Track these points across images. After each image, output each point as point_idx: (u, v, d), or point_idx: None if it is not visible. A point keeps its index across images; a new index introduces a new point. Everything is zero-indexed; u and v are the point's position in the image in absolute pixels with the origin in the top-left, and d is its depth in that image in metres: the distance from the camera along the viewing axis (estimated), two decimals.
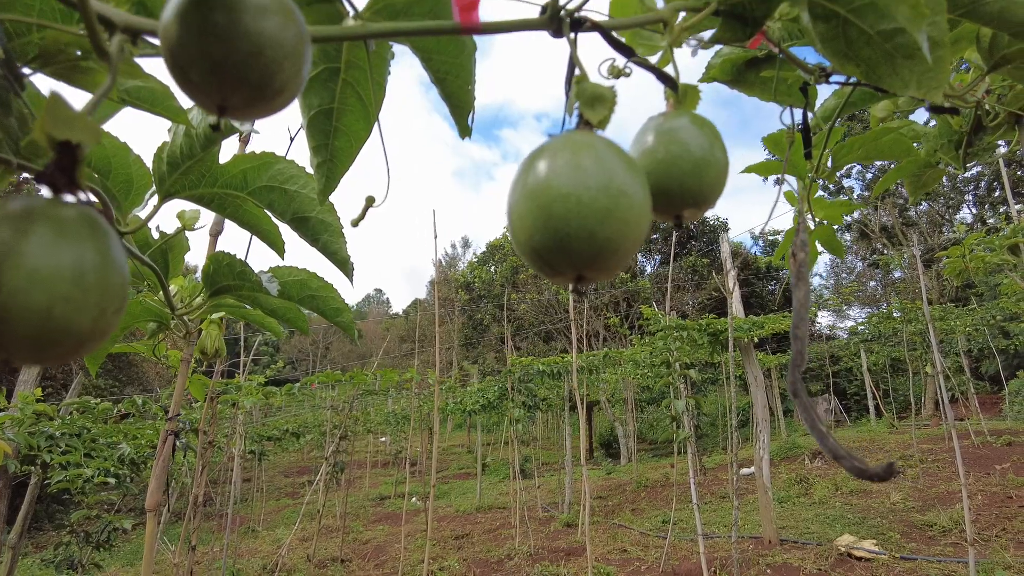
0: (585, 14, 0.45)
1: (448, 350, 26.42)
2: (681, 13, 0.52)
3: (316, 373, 7.36)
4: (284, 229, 0.84)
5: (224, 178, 0.75)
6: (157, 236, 0.93)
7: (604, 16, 0.48)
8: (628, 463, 13.01)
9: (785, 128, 0.87)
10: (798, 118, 0.86)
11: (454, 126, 0.59)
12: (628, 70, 0.51)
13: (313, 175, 0.65)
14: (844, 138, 1.10)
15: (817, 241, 1.28)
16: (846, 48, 0.48)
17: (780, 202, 0.87)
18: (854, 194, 23.80)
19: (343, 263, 0.79)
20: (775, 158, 1.23)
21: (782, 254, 1.38)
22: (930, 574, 4.40)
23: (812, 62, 0.75)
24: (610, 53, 0.50)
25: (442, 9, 0.49)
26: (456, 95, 0.56)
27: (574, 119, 0.42)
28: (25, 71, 0.46)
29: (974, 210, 22.81)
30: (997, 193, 21.46)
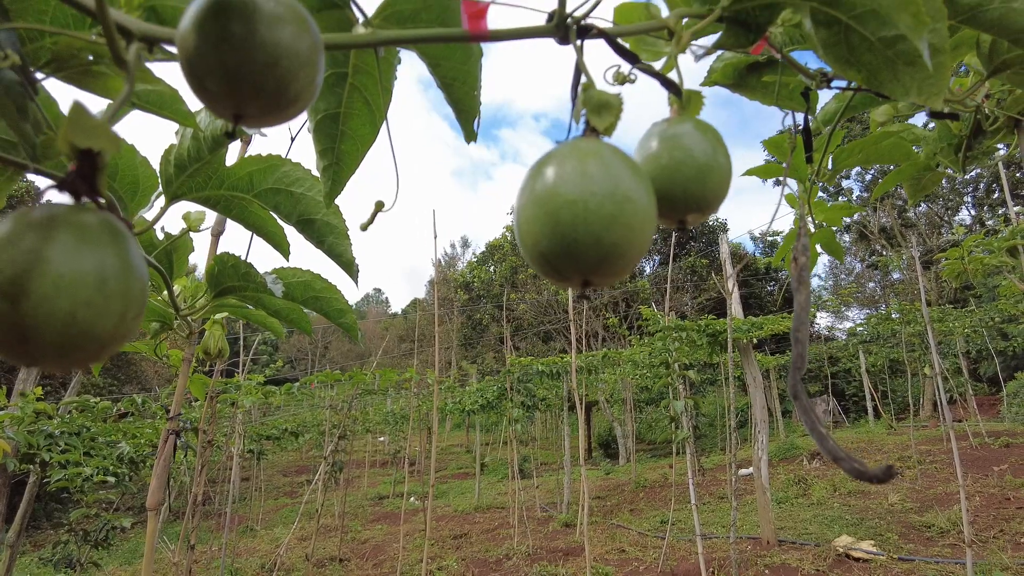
0: (591, 21, 0.46)
1: (447, 350, 26.41)
2: (684, 19, 0.53)
3: (315, 372, 7.36)
4: (288, 231, 0.84)
5: (230, 180, 0.76)
6: (162, 237, 0.93)
7: (609, 23, 0.49)
8: (627, 463, 13.01)
9: (786, 131, 0.88)
10: (799, 121, 0.86)
11: (453, 126, 0.61)
12: (633, 76, 0.52)
13: (319, 178, 0.65)
14: (844, 141, 1.10)
15: (817, 244, 1.29)
16: (848, 54, 0.49)
17: (781, 203, 0.87)
18: (853, 195, 23.82)
19: (348, 265, 0.80)
20: (775, 160, 1.24)
21: (782, 256, 1.39)
22: (928, 575, 4.41)
23: (813, 66, 0.76)
24: (615, 59, 0.50)
25: (450, 16, 0.50)
26: (463, 100, 0.57)
27: (580, 126, 0.43)
28: (38, 75, 0.47)
29: (973, 212, 22.83)
30: (996, 195, 21.47)
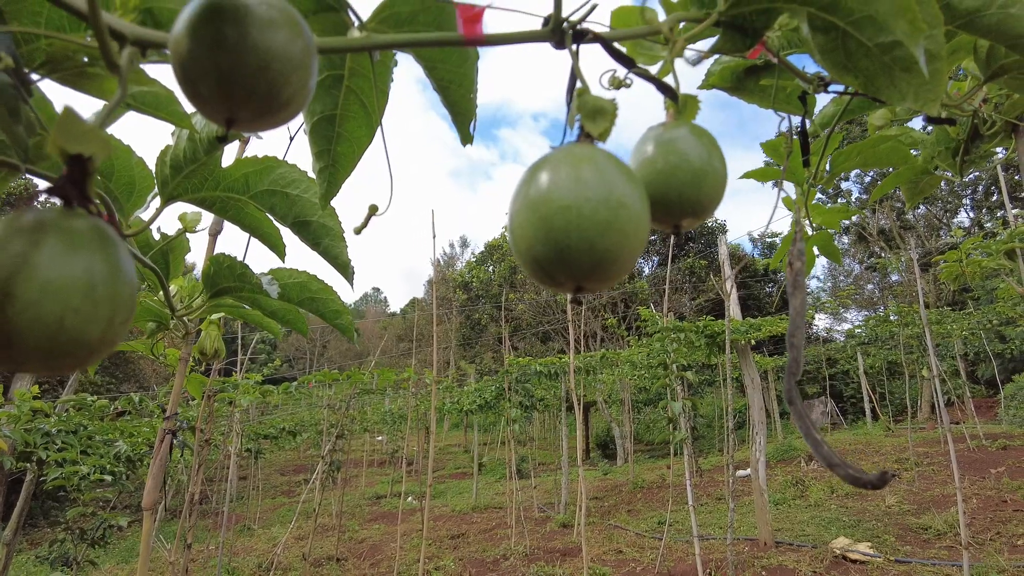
0: (587, 26, 0.46)
1: (445, 350, 26.40)
2: (681, 24, 0.52)
3: (313, 372, 7.35)
4: (284, 232, 0.84)
5: (226, 182, 0.76)
6: (158, 237, 0.93)
7: (605, 28, 0.49)
8: (624, 464, 13.02)
9: (784, 134, 0.88)
10: (796, 124, 0.86)
11: (453, 127, 0.60)
12: (629, 81, 0.52)
13: (315, 179, 0.65)
14: (842, 144, 1.10)
15: (815, 247, 1.29)
16: (845, 59, 0.49)
17: (778, 206, 0.88)
18: (852, 197, 23.84)
19: (344, 267, 0.80)
20: (773, 163, 1.24)
21: (780, 258, 1.39)
22: None
23: (811, 70, 0.75)
24: (611, 64, 0.50)
25: (446, 20, 0.49)
26: (459, 103, 0.57)
27: (575, 131, 0.43)
28: (32, 77, 0.47)
29: (971, 214, 22.86)
30: (995, 197, 21.51)
